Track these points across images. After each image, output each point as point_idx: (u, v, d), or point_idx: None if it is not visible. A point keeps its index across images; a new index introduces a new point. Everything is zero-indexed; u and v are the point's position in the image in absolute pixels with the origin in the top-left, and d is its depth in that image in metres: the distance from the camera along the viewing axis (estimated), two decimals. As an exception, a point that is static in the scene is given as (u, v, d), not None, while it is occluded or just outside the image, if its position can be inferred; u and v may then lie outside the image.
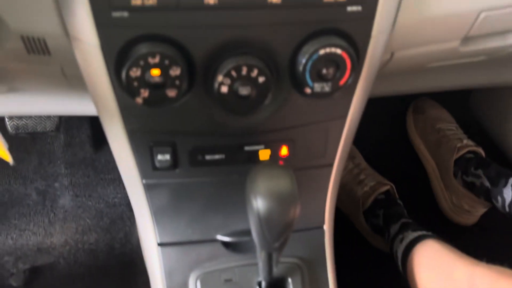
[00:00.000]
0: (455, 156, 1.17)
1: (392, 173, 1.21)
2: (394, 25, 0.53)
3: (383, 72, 0.66)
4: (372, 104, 0.74)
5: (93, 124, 1.31)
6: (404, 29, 0.54)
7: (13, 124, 1.16)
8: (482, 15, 0.56)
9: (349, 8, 0.48)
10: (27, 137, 1.28)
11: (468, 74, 0.92)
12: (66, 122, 1.28)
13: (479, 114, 1.39)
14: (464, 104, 1.43)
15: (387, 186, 1.14)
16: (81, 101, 0.73)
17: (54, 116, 1.11)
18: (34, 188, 1.28)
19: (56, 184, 1.29)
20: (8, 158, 0.63)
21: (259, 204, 0.47)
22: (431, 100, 1.34)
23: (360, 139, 0.79)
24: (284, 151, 0.59)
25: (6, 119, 1.11)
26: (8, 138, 1.24)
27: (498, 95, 1.29)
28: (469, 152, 1.17)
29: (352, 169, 1.22)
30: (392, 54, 0.60)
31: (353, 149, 1.25)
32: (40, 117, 1.12)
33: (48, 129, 1.14)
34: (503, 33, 0.64)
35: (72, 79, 0.56)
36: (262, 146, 0.59)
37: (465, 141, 1.19)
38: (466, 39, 0.62)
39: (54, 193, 1.28)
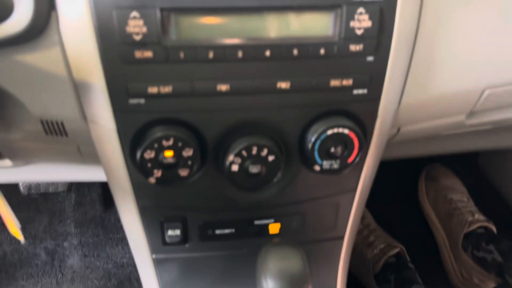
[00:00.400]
0: (466, 230, 1.15)
1: (402, 235, 1.19)
2: (400, 104, 0.55)
3: (390, 143, 0.67)
4: (384, 166, 0.76)
5: (104, 183, 1.32)
6: (410, 107, 0.56)
7: (26, 184, 1.18)
8: (486, 92, 0.57)
9: (355, 91, 0.50)
10: (39, 198, 1.29)
11: (475, 139, 0.93)
12: (78, 182, 1.30)
13: (488, 174, 1.39)
14: (474, 164, 1.43)
15: (397, 248, 1.11)
16: (94, 168, 0.74)
17: (66, 177, 1.13)
18: (43, 248, 1.28)
19: (65, 244, 1.29)
20: (20, 237, 0.65)
21: (269, 286, 0.47)
22: (444, 168, 1.34)
23: (370, 199, 0.79)
24: (293, 224, 0.60)
25: (20, 180, 1.13)
26: (20, 198, 1.26)
27: (506, 156, 1.29)
28: (480, 227, 1.16)
29: (362, 230, 1.20)
30: (399, 129, 0.61)
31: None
32: (53, 178, 1.14)
33: (60, 189, 1.16)
34: (508, 106, 0.65)
35: (87, 156, 0.58)
36: (272, 220, 0.59)
37: (476, 216, 1.17)
38: (472, 113, 0.63)
39: (63, 253, 1.28)
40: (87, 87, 0.46)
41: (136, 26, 0.43)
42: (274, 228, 0.59)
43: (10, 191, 0.93)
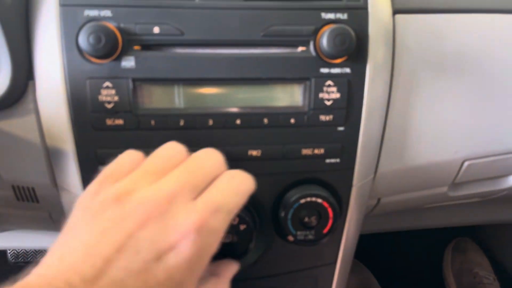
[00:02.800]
0: None
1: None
2: (376, 174, 0.54)
3: (373, 215, 0.66)
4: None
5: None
6: (387, 177, 0.55)
7: (14, 252, 1.15)
8: (466, 164, 0.57)
9: (328, 160, 0.50)
10: (24, 266, 1.25)
11: (468, 212, 0.91)
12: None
13: (489, 248, 1.34)
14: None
15: None
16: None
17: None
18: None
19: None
20: None
21: None
22: (473, 243, 1.31)
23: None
24: (270, 300, 0.57)
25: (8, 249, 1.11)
26: (8, 267, 1.23)
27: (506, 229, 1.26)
28: None
29: None
30: (379, 200, 0.60)
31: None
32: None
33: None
34: (492, 178, 0.64)
35: (59, 223, 0.57)
36: (247, 295, 0.56)
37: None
38: (455, 185, 0.62)
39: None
40: (59, 154, 0.47)
41: (108, 95, 0.44)
42: (249, 303, 0.56)
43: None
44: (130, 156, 0.38)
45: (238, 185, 0.37)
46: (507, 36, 0.54)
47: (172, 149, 0.39)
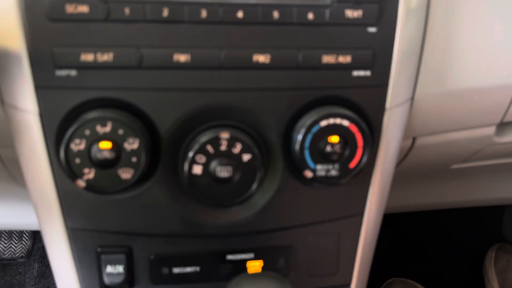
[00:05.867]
0: None
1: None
2: (413, 98, 0.43)
3: (404, 172, 0.54)
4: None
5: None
6: (426, 106, 0.44)
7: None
8: (520, 93, 0.46)
9: (356, 73, 0.39)
10: (-4, 265, 1.12)
11: (499, 187, 0.79)
12: (42, 248, 1.13)
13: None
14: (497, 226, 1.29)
15: None
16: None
17: (26, 240, 0.98)
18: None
19: (21, 325, 1.08)
20: None
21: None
22: None
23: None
24: (280, 263, 0.44)
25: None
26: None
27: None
28: None
29: None
30: (414, 140, 0.49)
31: None
32: (10, 240, 0.99)
33: (17, 254, 0.99)
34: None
35: (10, 164, 0.45)
36: (251, 255, 0.44)
37: None
38: (503, 126, 0.51)
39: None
40: (4, 55, 0.35)
41: (68, -30, 0.33)
42: (254, 267, 0.44)
43: None
44: None
45: None
46: None
47: None
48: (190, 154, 0.37)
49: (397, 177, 0.50)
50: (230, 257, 0.43)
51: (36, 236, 1.06)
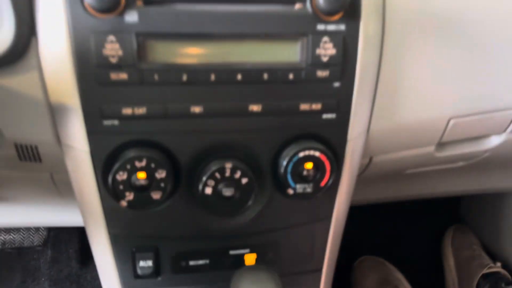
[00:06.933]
0: (485, 271, 1.21)
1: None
2: (369, 130, 0.56)
3: (365, 177, 0.68)
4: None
5: (83, 238, 1.28)
6: (379, 135, 0.58)
7: (0, 239, 1.14)
8: (452, 122, 0.60)
9: (325, 116, 0.52)
10: (12, 252, 1.24)
11: (452, 181, 0.95)
12: (55, 237, 1.26)
13: (473, 225, 1.41)
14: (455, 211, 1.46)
15: None
16: (71, 212, 0.73)
17: (42, 230, 1.10)
18: (14, 309, 1.20)
19: (38, 304, 1.22)
20: None
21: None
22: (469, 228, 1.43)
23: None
24: (270, 255, 0.58)
25: (-7, 234, 1.10)
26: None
27: (487, 201, 1.32)
28: (499, 273, 1.21)
29: None
30: (371, 159, 0.63)
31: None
32: (28, 231, 1.11)
33: (35, 243, 1.12)
34: (475, 139, 0.67)
35: (61, 185, 0.57)
36: (248, 250, 0.58)
37: (498, 264, 1.24)
38: (441, 145, 0.65)
39: (34, 314, 1.20)
40: (63, 109, 0.47)
41: (112, 49, 0.45)
42: (250, 259, 0.58)
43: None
44: None
45: None
46: None
47: None
48: (203, 179, 0.50)
49: (359, 181, 0.64)
50: (232, 252, 0.57)
51: (50, 228, 1.19)
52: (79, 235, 1.28)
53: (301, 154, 0.51)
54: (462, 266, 1.30)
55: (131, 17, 0.45)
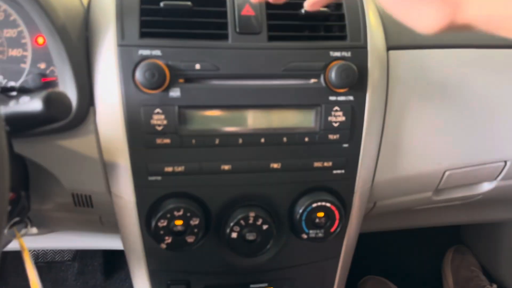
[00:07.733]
0: None
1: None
2: (373, 182, 0.65)
3: (370, 215, 0.77)
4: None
5: (106, 253, 1.38)
6: (382, 185, 0.66)
7: (34, 253, 1.24)
8: (447, 173, 0.68)
9: (335, 171, 0.61)
10: (43, 266, 1.34)
11: (454, 214, 1.03)
12: (82, 251, 1.36)
13: (472, 247, 1.47)
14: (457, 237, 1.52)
15: None
16: (103, 237, 0.83)
17: (73, 247, 1.20)
18: (43, 318, 1.30)
19: (65, 314, 1.31)
20: None
21: None
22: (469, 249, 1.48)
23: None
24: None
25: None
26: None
27: (488, 229, 1.38)
28: None
29: None
30: (375, 203, 0.71)
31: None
32: (60, 247, 1.21)
33: (65, 258, 1.22)
34: (469, 185, 0.75)
35: (106, 225, 0.67)
36: (266, 284, 0.66)
37: (494, 286, 1.28)
38: (438, 191, 0.73)
39: (62, 324, 1.30)
40: (115, 167, 0.56)
41: (158, 119, 0.54)
42: (267, 291, 0.67)
43: (17, 258, 0.99)
44: None
45: None
46: (480, 66, 0.65)
47: None
48: (230, 225, 0.59)
49: (365, 217, 0.72)
50: (252, 286, 0.66)
51: (79, 244, 1.29)
52: (103, 250, 1.38)
53: (314, 205, 0.60)
54: (460, 286, 1.36)
55: (175, 93, 0.54)
